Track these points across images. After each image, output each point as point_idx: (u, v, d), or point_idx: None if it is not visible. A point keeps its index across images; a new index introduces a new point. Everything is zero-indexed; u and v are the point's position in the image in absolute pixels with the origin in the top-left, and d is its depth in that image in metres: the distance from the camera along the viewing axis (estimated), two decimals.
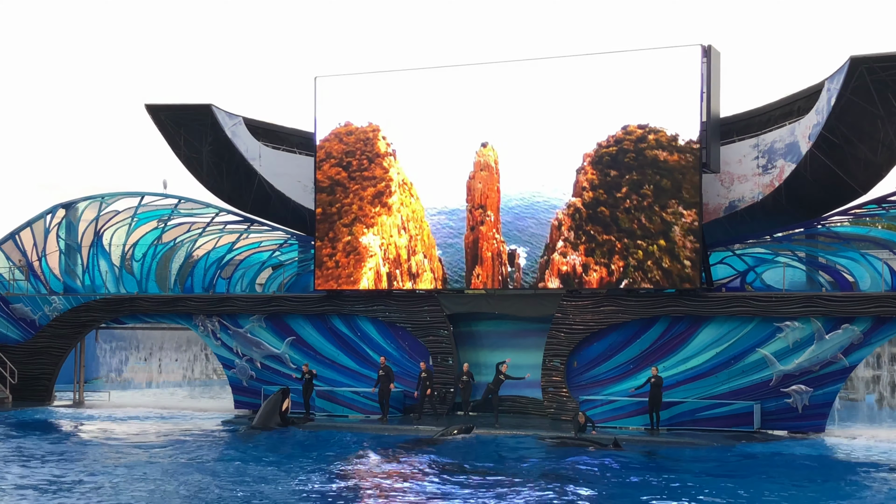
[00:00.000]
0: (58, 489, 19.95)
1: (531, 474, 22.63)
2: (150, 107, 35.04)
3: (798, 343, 29.25)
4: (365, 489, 20.89)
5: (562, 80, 31.24)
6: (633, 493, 20.48)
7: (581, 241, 30.74)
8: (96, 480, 20.94)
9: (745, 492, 20.26)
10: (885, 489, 20.79)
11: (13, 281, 38.72)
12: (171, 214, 37.36)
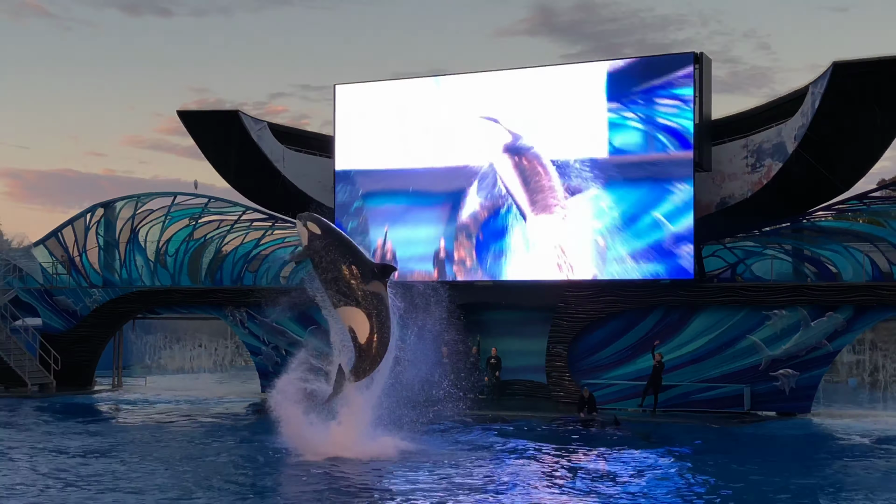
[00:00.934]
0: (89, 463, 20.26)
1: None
2: (182, 113, 35.36)
3: (785, 330, 29.39)
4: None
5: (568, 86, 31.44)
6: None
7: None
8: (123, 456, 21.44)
9: (737, 466, 20.45)
10: (865, 465, 20.96)
11: (56, 275, 39.14)
12: (201, 213, 37.72)
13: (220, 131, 34.83)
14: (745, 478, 19.22)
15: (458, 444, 23.78)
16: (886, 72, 26.64)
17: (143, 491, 17.28)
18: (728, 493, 17.71)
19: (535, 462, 21.51)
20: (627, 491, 17.80)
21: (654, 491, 17.87)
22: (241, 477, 19.14)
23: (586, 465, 21.10)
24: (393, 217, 33.60)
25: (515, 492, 17.83)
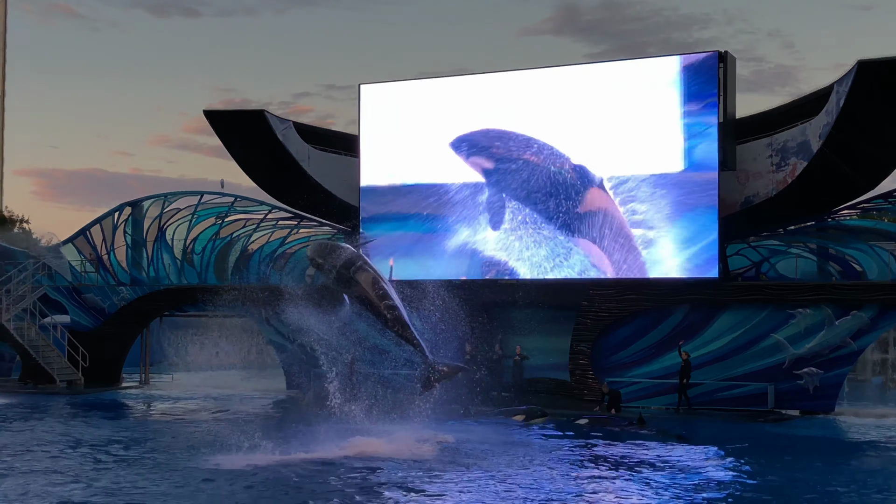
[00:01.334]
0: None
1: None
2: (208, 113, 35.31)
3: (809, 329, 29.12)
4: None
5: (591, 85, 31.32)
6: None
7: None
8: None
9: (761, 465, 20.17)
10: (890, 465, 20.66)
11: (84, 273, 39.22)
12: (228, 211, 37.65)
13: (246, 131, 34.73)
14: (768, 477, 18.93)
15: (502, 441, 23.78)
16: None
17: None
18: (750, 493, 17.41)
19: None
20: (650, 485, 17.58)
21: (678, 489, 17.60)
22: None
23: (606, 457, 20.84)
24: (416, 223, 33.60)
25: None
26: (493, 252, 32.54)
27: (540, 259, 31.81)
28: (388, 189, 34.03)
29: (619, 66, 31.45)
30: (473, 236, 32.78)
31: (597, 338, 31.45)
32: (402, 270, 33.20)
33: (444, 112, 33.09)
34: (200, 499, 16.37)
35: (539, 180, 31.92)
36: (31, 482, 17.29)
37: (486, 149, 32.66)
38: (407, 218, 33.66)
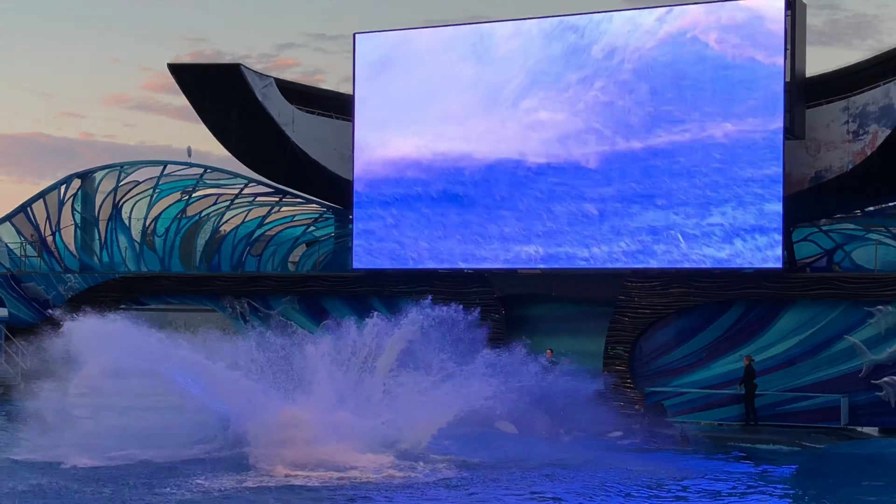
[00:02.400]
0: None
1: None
2: (173, 66, 35.36)
3: (891, 330, 29.04)
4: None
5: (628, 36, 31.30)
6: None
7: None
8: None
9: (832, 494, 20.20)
10: None
11: (25, 258, 39.33)
12: (196, 185, 37.84)
13: (219, 88, 34.88)
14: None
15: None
16: None
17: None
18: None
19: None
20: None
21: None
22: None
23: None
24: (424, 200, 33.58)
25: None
26: (514, 236, 32.44)
27: (571, 244, 31.75)
28: (388, 160, 34.00)
29: (668, 13, 31.32)
30: (488, 218, 32.73)
31: (636, 339, 31.52)
32: (403, 259, 33.48)
33: (455, 68, 33.12)
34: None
35: (571, 144, 31.95)
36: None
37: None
38: (409, 196, 33.62)
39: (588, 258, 31.53)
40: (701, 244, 30.15)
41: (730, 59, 29.99)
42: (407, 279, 33.82)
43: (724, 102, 30.00)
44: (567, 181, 31.84)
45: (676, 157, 30.51)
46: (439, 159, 33.27)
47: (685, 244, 30.32)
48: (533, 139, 32.28)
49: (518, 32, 32.71)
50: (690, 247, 30.27)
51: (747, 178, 29.67)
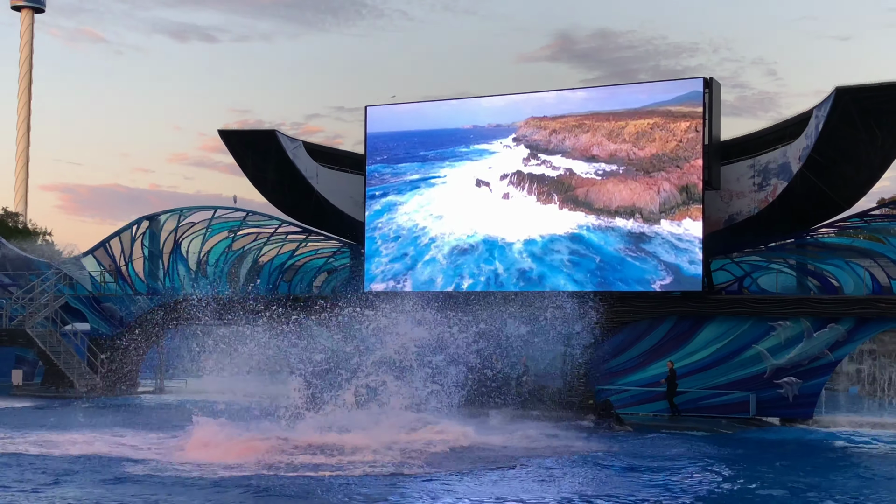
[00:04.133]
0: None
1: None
2: (223, 132, 35.52)
3: (789, 340, 29.17)
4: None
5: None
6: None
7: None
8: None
9: (742, 469, 20.27)
10: (864, 470, 20.73)
11: (104, 283, 39.36)
12: (240, 225, 37.77)
13: (259, 149, 34.92)
14: (749, 479, 19.02)
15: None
16: (886, 96, 26.51)
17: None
18: (731, 493, 17.54)
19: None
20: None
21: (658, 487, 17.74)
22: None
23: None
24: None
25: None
26: (497, 263, 32.46)
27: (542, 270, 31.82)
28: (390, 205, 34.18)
29: (613, 91, 31.63)
30: (471, 244, 32.83)
31: (589, 347, 31.41)
32: (407, 279, 33.48)
33: (447, 131, 33.26)
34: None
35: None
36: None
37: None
38: (410, 233, 33.74)
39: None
40: (640, 273, 30.36)
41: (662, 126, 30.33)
42: (409, 300, 33.79)
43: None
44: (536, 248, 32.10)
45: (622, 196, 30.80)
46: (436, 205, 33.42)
47: (628, 274, 30.54)
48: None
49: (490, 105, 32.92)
50: (632, 275, 30.48)
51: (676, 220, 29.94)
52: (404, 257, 33.62)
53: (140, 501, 15.79)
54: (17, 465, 19.32)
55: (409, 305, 26.57)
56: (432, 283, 33.18)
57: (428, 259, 33.28)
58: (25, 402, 32.24)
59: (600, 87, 32.20)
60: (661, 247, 30.11)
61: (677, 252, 29.81)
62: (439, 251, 33.17)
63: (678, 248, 29.75)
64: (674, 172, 29.79)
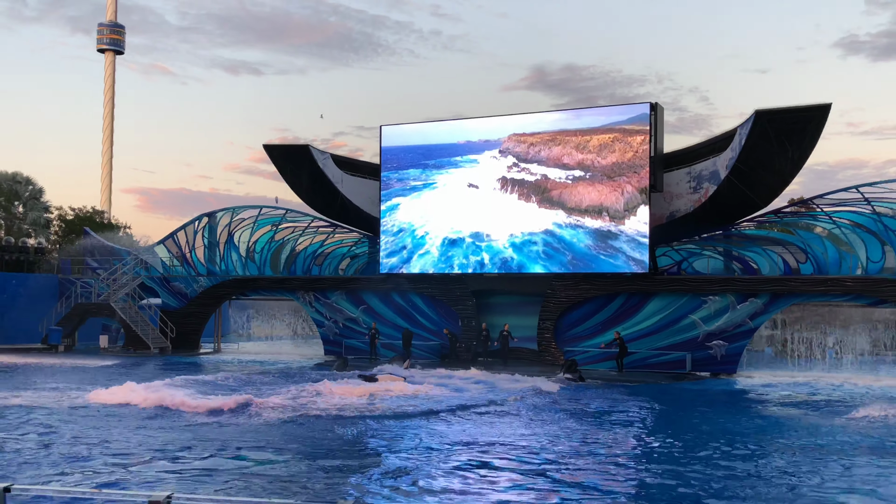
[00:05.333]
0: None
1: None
2: (267, 146, 35.61)
3: (718, 311, 29.42)
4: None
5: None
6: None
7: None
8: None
9: (680, 412, 20.42)
10: (776, 411, 20.88)
11: (172, 266, 39.49)
12: (280, 221, 37.84)
13: (295, 160, 34.99)
14: (685, 421, 19.15)
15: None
16: (795, 117, 26.63)
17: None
18: (669, 431, 17.66)
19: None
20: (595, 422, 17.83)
21: (609, 425, 17.86)
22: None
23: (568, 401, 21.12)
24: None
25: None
26: (480, 259, 32.55)
27: (521, 257, 31.92)
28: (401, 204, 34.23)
29: (578, 113, 31.66)
30: (465, 236, 32.90)
31: (558, 317, 31.69)
32: (411, 267, 33.57)
33: (445, 145, 33.31)
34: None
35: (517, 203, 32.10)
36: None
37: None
38: (416, 228, 33.84)
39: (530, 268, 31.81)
40: (599, 258, 30.47)
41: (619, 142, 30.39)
42: (414, 280, 34.10)
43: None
44: (520, 248, 32.12)
45: (590, 200, 30.88)
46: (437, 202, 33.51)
47: (587, 261, 30.65)
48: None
49: (480, 125, 32.93)
50: (593, 259, 30.60)
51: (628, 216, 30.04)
52: (403, 249, 33.66)
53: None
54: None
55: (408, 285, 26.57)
56: (425, 269, 33.25)
57: (423, 252, 33.29)
58: (111, 360, 32.37)
59: (569, 110, 32.07)
60: (621, 238, 30.14)
61: (633, 242, 29.87)
62: (433, 244, 33.20)
63: (634, 239, 29.82)
64: (633, 177, 29.82)
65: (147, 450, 14.22)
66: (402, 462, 13.55)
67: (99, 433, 15.82)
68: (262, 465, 13.10)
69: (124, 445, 14.66)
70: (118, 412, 18.55)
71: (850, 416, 19.21)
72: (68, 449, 14.23)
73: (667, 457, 14.34)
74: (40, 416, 17.76)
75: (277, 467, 12.94)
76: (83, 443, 14.82)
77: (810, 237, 29.28)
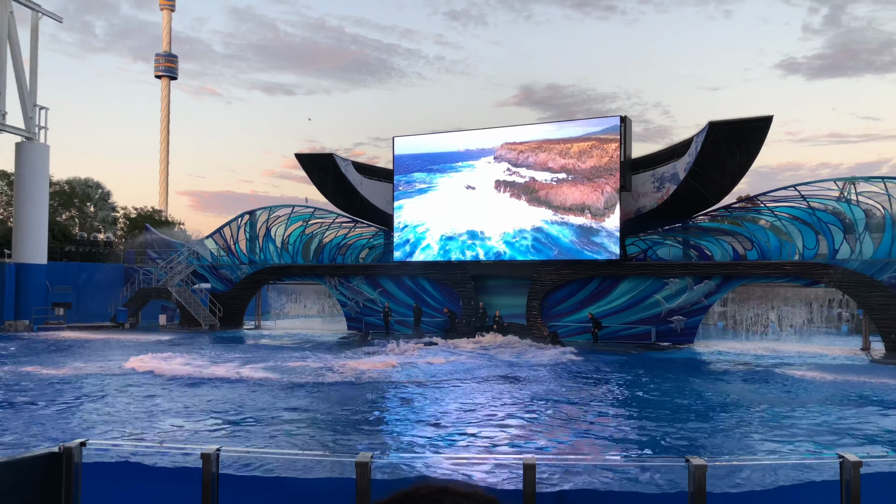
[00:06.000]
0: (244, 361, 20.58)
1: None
2: (297, 155, 35.64)
3: (677, 291, 29.41)
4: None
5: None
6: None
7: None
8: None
9: (650, 377, 20.52)
10: (727, 376, 20.97)
11: (220, 256, 39.57)
12: (310, 217, 37.86)
13: (322, 166, 35.00)
14: (651, 383, 19.26)
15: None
16: (743, 127, 26.61)
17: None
18: (640, 392, 17.78)
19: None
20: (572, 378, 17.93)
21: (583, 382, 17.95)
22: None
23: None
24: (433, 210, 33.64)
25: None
26: (482, 241, 32.51)
27: (513, 248, 31.93)
28: (411, 204, 34.20)
29: (560, 125, 31.62)
30: (458, 223, 32.87)
31: (543, 297, 31.76)
32: (421, 253, 33.55)
33: (447, 153, 33.26)
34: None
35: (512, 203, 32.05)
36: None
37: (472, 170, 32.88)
38: (423, 222, 33.84)
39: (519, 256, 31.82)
40: (578, 247, 30.44)
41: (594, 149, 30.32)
42: (423, 266, 34.15)
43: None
44: (509, 241, 32.07)
45: (569, 199, 30.83)
46: (441, 201, 33.49)
47: (571, 255, 30.64)
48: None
49: (476, 135, 32.80)
50: (573, 248, 30.59)
51: (603, 212, 30.02)
52: (407, 243, 33.67)
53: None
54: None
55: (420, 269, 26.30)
56: (429, 259, 33.28)
57: (425, 245, 33.30)
58: (170, 335, 32.54)
59: (552, 122, 32.01)
60: (601, 234, 30.12)
61: (612, 237, 29.83)
62: (432, 238, 33.18)
63: (612, 234, 29.78)
64: (610, 179, 29.78)
65: (199, 410, 14.34)
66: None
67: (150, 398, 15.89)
68: (298, 423, 13.15)
69: (171, 406, 14.78)
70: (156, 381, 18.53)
71: (779, 373, 20.25)
72: (125, 409, 14.37)
73: (653, 406, 14.51)
74: (113, 381, 17.90)
75: (318, 424, 13.00)
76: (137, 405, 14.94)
77: (755, 228, 29.26)
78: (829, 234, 27.49)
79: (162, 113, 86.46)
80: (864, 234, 26.86)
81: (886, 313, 26.06)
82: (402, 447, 11.37)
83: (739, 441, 11.88)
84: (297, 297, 43.81)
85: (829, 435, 12.28)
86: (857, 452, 6.21)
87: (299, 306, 43.54)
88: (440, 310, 33.75)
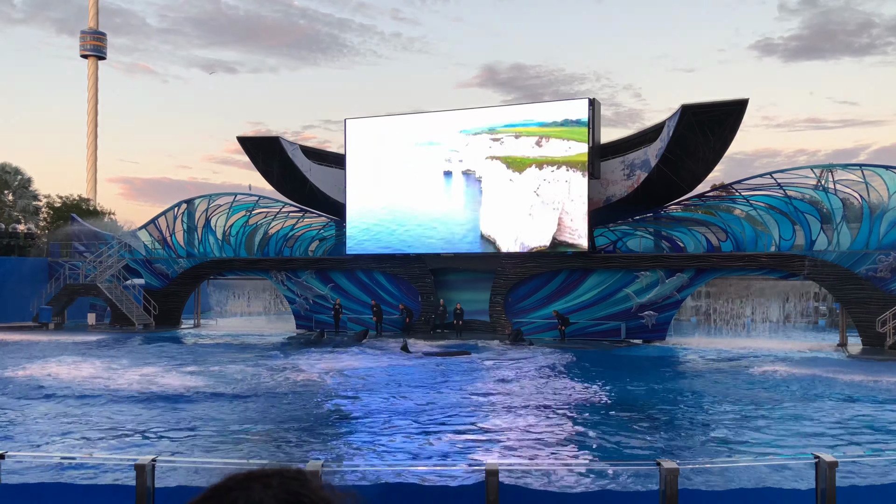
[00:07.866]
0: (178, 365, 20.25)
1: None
2: (240, 138, 35.17)
3: (649, 285, 29.76)
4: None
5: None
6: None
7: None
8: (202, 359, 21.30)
9: (614, 373, 20.74)
10: (698, 372, 21.33)
11: (154, 249, 38.91)
12: (254, 207, 37.42)
13: (267, 151, 34.61)
14: (620, 380, 19.47)
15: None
16: (717, 111, 26.99)
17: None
18: (608, 388, 17.96)
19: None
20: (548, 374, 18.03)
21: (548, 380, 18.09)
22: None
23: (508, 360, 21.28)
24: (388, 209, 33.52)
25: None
26: (437, 241, 32.50)
27: (473, 238, 31.94)
28: (366, 190, 34.01)
29: (524, 108, 31.69)
30: (423, 219, 32.81)
31: (507, 292, 31.84)
32: (374, 249, 33.46)
33: (404, 138, 33.15)
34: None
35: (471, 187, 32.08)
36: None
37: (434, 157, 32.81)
38: (378, 212, 33.69)
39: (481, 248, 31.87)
40: (543, 238, 30.58)
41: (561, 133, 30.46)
42: (377, 260, 33.96)
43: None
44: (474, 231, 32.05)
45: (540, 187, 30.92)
46: (398, 188, 33.35)
47: (534, 240, 30.78)
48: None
49: (436, 118, 32.73)
50: (537, 238, 30.72)
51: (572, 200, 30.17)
52: (361, 233, 33.49)
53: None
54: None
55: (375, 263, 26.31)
56: (384, 251, 33.19)
57: (380, 237, 33.11)
58: (98, 335, 31.85)
59: (515, 104, 32.08)
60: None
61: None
62: (388, 229, 33.02)
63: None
64: (577, 166, 29.90)
65: (128, 421, 14.06)
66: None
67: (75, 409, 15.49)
68: (240, 432, 13.02)
69: (100, 420, 14.46)
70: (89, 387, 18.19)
71: (752, 372, 20.92)
72: (49, 419, 13.99)
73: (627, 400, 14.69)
74: (30, 389, 17.45)
75: (261, 433, 12.89)
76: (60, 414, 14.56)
77: (730, 218, 29.77)
78: (807, 225, 28.10)
79: (89, 93, 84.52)
80: (842, 224, 27.54)
81: (863, 307, 26.78)
82: (352, 453, 11.35)
83: (705, 446, 12.12)
84: (240, 294, 43.28)
85: (802, 438, 12.59)
86: (833, 452, 6.38)
87: (242, 303, 43.03)
88: (396, 306, 33.65)
